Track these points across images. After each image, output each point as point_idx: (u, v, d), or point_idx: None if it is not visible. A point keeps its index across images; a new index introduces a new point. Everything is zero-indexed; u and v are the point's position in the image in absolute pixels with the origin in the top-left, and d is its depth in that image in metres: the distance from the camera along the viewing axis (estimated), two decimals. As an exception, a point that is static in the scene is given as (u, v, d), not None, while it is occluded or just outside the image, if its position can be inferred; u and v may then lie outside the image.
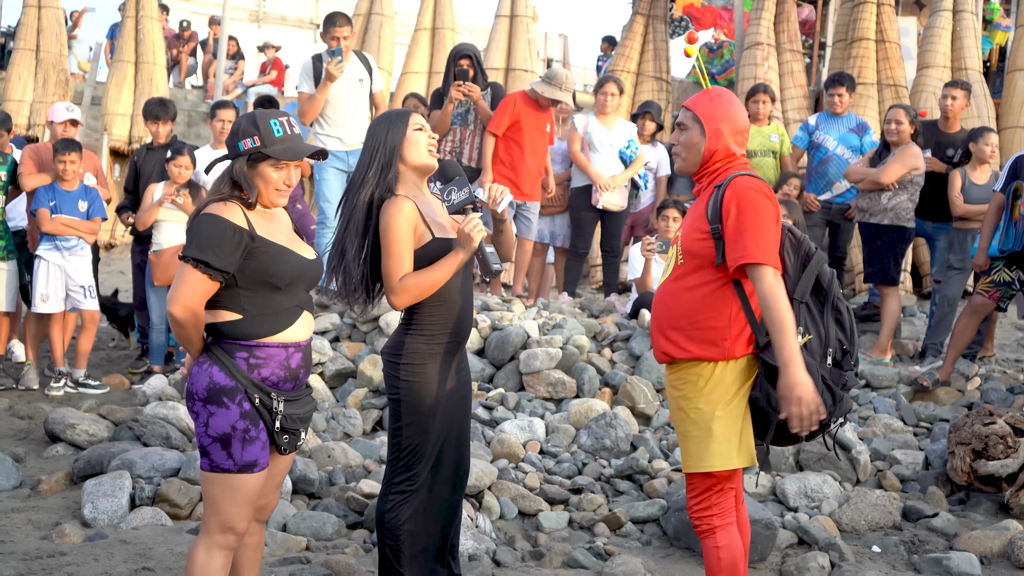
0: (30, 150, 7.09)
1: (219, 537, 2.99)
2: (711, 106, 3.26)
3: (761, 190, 3.14)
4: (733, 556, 3.19)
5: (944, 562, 4.30)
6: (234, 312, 2.95)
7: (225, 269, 2.89)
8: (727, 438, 3.14)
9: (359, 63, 7.03)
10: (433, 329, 3.32)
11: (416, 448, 3.33)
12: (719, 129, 3.23)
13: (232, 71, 14.92)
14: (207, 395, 2.92)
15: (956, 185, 7.19)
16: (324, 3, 25.94)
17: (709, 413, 3.15)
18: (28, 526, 4.36)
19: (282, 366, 2.99)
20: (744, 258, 3.06)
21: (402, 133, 3.34)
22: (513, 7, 11.99)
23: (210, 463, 2.95)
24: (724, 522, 3.22)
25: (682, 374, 3.24)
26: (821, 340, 3.17)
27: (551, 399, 6.02)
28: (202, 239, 2.89)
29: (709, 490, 3.21)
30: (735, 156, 3.27)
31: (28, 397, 6.64)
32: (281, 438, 3.02)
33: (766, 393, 3.12)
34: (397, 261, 3.24)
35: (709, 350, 3.16)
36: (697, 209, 3.26)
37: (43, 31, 12.54)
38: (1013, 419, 5.15)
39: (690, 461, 3.21)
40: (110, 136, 12.15)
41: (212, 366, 2.94)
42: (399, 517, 3.33)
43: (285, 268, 3.00)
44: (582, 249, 7.92)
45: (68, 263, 6.74)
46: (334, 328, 6.71)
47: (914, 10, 14.25)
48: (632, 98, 11.90)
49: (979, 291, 6.60)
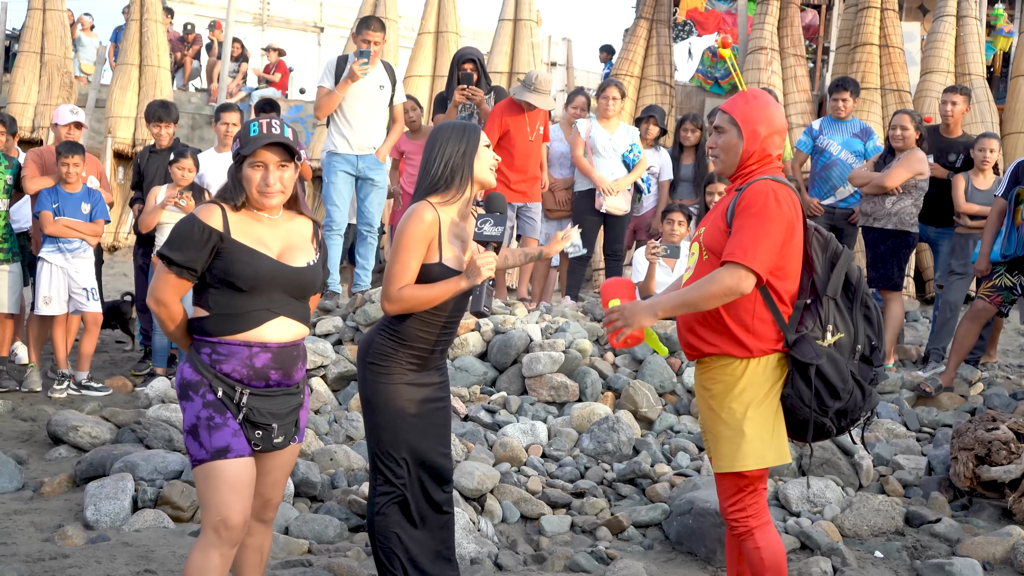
0: (34, 153, 7.11)
1: (213, 535, 2.97)
2: (747, 108, 3.25)
3: (775, 195, 3.13)
4: (775, 554, 3.20)
5: (947, 568, 4.29)
6: (204, 309, 3.05)
7: (187, 265, 2.98)
8: (760, 437, 3.15)
9: (383, 71, 7.04)
10: (406, 336, 3.33)
11: (390, 449, 3.34)
12: (756, 131, 3.23)
13: (235, 74, 14.95)
14: (180, 391, 3.03)
15: (960, 189, 7.20)
16: (328, 7, 25.99)
17: (741, 413, 3.15)
18: (30, 528, 4.37)
19: (244, 364, 3.00)
20: (730, 255, 3.09)
21: (476, 146, 3.37)
22: (517, 11, 12.02)
23: (191, 459, 3.02)
24: (760, 522, 3.22)
25: (713, 373, 3.23)
26: (851, 337, 3.20)
27: (553, 403, 6.02)
28: (172, 236, 3.03)
29: (742, 491, 3.21)
30: (771, 158, 3.27)
31: (31, 399, 6.64)
32: (252, 432, 3.03)
33: (798, 391, 3.13)
34: (402, 269, 3.25)
35: (736, 346, 3.16)
36: (720, 207, 3.28)
37: (47, 34, 12.59)
38: (1016, 425, 5.14)
39: (722, 461, 3.21)
40: (114, 139, 12.18)
41: (184, 363, 3.06)
42: (388, 519, 3.34)
43: (246, 270, 3.01)
44: (585, 253, 7.92)
45: (71, 265, 6.75)
46: (337, 331, 6.71)
47: (918, 15, 14.26)
48: (635, 102, 11.91)
49: (980, 296, 6.60)
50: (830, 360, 3.12)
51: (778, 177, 3.21)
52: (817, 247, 3.23)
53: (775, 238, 3.11)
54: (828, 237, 3.28)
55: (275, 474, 3.19)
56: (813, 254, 3.21)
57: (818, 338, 3.15)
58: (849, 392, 3.15)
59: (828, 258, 3.24)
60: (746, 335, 3.15)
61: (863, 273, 3.30)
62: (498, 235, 3.31)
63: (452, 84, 7.37)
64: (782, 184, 3.18)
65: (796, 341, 3.14)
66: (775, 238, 3.11)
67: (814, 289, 3.21)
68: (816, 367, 3.09)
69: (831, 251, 3.25)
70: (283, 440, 3.12)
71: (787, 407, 3.18)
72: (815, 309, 3.19)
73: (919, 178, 7.07)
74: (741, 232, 3.10)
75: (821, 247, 3.25)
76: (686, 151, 8.38)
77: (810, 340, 3.14)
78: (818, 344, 3.13)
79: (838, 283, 3.20)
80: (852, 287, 3.23)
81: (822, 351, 3.12)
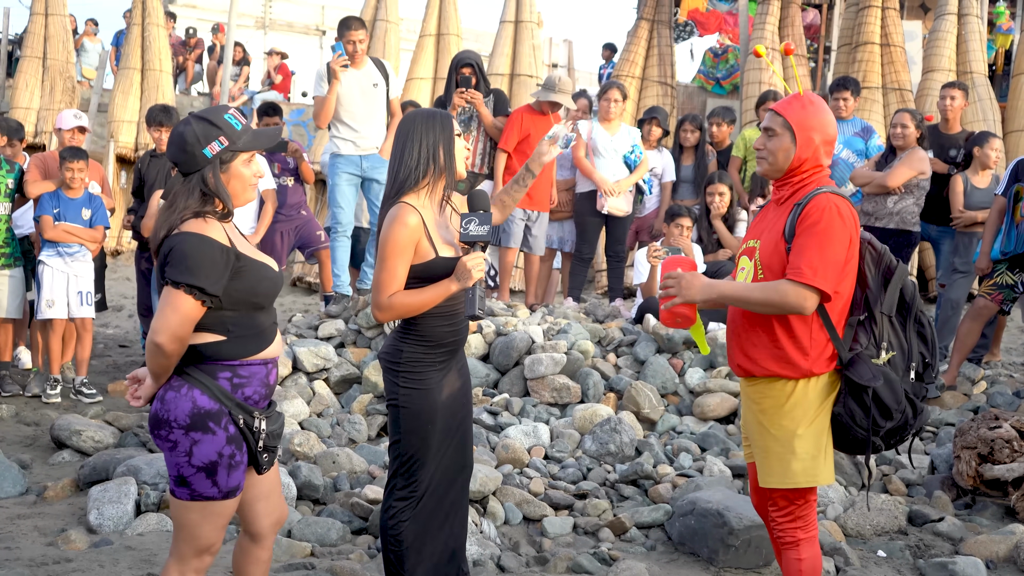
0: (37, 158, 7.13)
1: (195, 562, 2.87)
2: (804, 113, 3.14)
3: (838, 210, 3.05)
4: (815, 567, 3.19)
5: (950, 567, 4.29)
6: (217, 334, 2.80)
7: (217, 294, 2.74)
8: (811, 455, 3.10)
9: (375, 69, 7.06)
10: (431, 336, 3.31)
11: (417, 455, 3.31)
12: (811, 138, 3.13)
13: (237, 77, 14.96)
14: (190, 421, 2.74)
15: (958, 190, 7.18)
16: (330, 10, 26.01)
17: (791, 431, 3.10)
18: (34, 532, 4.38)
19: (263, 383, 2.89)
20: (796, 275, 3.01)
21: (451, 136, 3.28)
22: (518, 12, 12.01)
23: (191, 492, 2.79)
24: (808, 535, 3.21)
25: (762, 388, 3.18)
26: (904, 354, 3.13)
27: (556, 404, 6.02)
28: (192, 262, 2.70)
29: (794, 503, 3.19)
30: (823, 167, 3.18)
31: (34, 404, 6.66)
32: (262, 457, 2.93)
33: (850, 411, 3.08)
34: (390, 276, 3.20)
35: (790, 368, 3.10)
36: (777, 225, 3.17)
37: (50, 39, 12.62)
38: (1019, 423, 5.14)
39: (771, 477, 3.17)
40: (116, 143, 12.20)
41: (193, 389, 2.77)
42: (401, 524, 3.31)
43: (269, 286, 2.90)
44: (587, 254, 7.92)
45: (70, 268, 6.76)
46: (339, 334, 6.72)
47: (919, 14, 14.24)
48: (637, 103, 11.91)
49: (982, 294, 6.60)
50: (886, 381, 3.05)
51: (836, 189, 3.12)
52: (870, 262, 3.15)
53: (840, 256, 3.04)
54: (882, 251, 3.18)
55: (277, 487, 3.11)
56: (867, 269, 3.13)
57: (872, 356, 3.08)
58: (902, 412, 3.09)
59: (882, 273, 3.15)
60: (801, 357, 3.09)
61: (916, 288, 3.23)
62: (484, 234, 3.22)
63: (450, 88, 7.39)
64: (842, 198, 3.10)
65: (851, 361, 3.07)
66: (840, 256, 3.04)
67: (867, 305, 3.13)
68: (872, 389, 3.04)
69: (884, 265, 3.16)
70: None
71: (837, 424, 3.13)
72: (868, 326, 3.12)
73: (921, 177, 7.07)
74: (807, 250, 3.01)
75: (874, 262, 3.16)
76: (686, 152, 8.38)
77: (866, 360, 3.07)
78: (873, 363, 3.07)
79: (893, 300, 3.12)
80: (907, 303, 3.15)
81: (879, 372, 3.05)
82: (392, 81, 7.15)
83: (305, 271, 11.28)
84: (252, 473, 2.97)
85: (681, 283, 3.16)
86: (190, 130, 2.81)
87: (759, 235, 3.25)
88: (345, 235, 7.08)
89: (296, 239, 7.68)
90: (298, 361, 6.23)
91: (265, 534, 3.06)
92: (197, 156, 2.81)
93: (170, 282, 2.72)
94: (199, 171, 2.83)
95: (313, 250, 7.67)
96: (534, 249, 7.51)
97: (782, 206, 3.21)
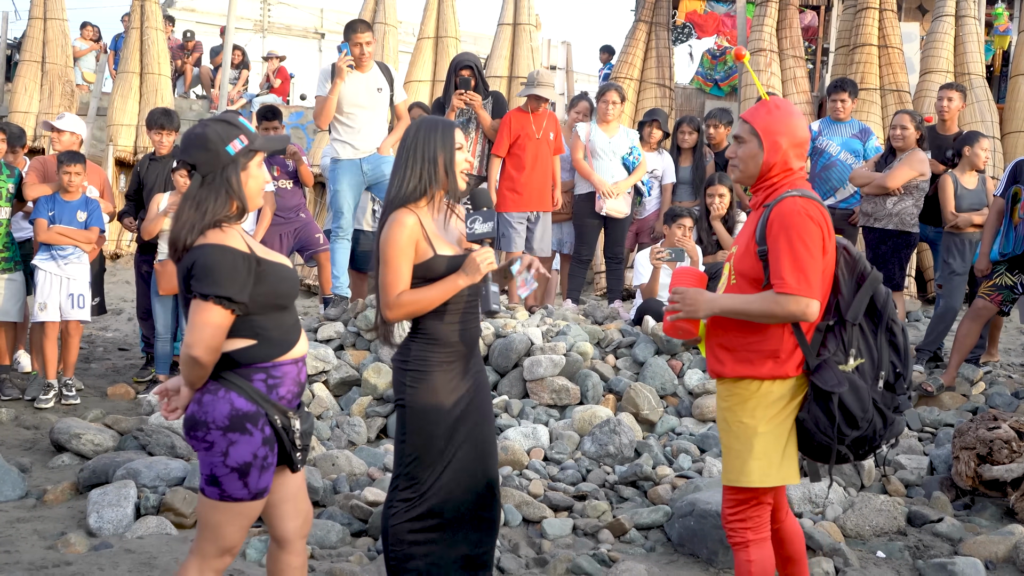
0: (36, 162, 7.14)
1: (216, 561, 2.90)
2: (770, 119, 3.18)
3: (807, 212, 3.06)
4: (765, 569, 3.18)
5: (949, 567, 4.29)
6: (247, 339, 2.84)
7: (244, 300, 2.78)
8: (767, 455, 3.11)
9: (379, 73, 7.05)
10: (438, 336, 3.31)
11: (421, 456, 3.30)
12: (778, 142, 3.16)
13: (236, 80, 14.97)
14: (229, 423, 2.79)
15: (949, 191, 7.15)
16: (329, 13, 26.04)
17: (752, 428, 3.12)
18: (34, 536, 4.38)
19: (295, 382, 2.95)
20: (779, 287, 3.02)
21: (452, 151, 3.29)
22: (516, 15, 12.03)
23: (220, 493, 2.83)
24: (759, 536, 3.20)
25: (729, 386, 3.21)
26: (874, 363, 3.12)
27: (555, 406, 6.03)
28: (218, 273, 2.75)
29: (745, 503, 3.19)
30: (793, 170, 3.20)
31: (34, 407, 6.65)
32: (296, 456, 2.96)
33: (815, 417, 3.08)
34: (395, 276, 3.23)
35: (757, 370, 3.12)
36: (748, 229, 3.22)
37: (48, 43, 12.63)
38: (1018, 423, 5.14)
39: (729, 474, 3.19)
40: (115, 146, 12.21)
41: (230, 392, 2.82)
42: (402, 526, 3.30)
43: (289, 286, 2.96)
44: (586, 256, 7.93)
45: (64, 271, 6.75)
46: (338, 336, 6.72)
47: (917, 15, 14.26)
48: (635, 105, 11.92)
49: (981, 295, 6.60)
50: (852, 388, 3.04)
51: (805, 192, 3.13)
52: (845, 267, 3.15)
53: (818, 258, 3.06)
54: (857, 257, 3.18)
55: (303, 489, 3.12)
56: (840, 274, 3.14)
57: (840, 362, 3.08)
58: (868, 421, 3.07)
59: (854, 279, 3.15)
60: (772, 363, 3.10)
61: (890, 295, 3.22)
62: (490, 231, 3.29)
63: (449, 90, 7.40)
64: (811, 200, 3.10)
65: (818, 367, 3.07)
66: (818, 258, 3.06)
67: (838, 310, 3.13)
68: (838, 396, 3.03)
69: (858, 272, 3.16)
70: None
71: (802, 430, 3.13)
72: (838, 332, 3.11)
73: (920, 179, 7.08)
74: (787, 257, 3.02)
75: (849, 268, 3.16)
76: (684, 153, 8.38)
77: (832, 366, 3.06)
78: (840, 370, 3.06)
79: (860, 307, 3.12)
80: (878, 310, 3.15)
81: (844, 378, 3.04)
82: (397, 86, 7.15)
83: (304, 274, 11.29)
84: (280, 474, 3.01)
85: (686, 299, 3.19)
86: (211, 129, 2.87)
87: (738, 241, 3.31)
88: (345, 238, 7.08)
89: (295, 242, 7.68)
90: (297, 364, 6.23)
91: (292, 538, 3.07)
92: (220, 154, 2.86)
93: (198, 295, 2.76)
94: (222, 170, 2.86)
95: (312, 253, 7.68)
96: (537, 251, 7.50)
97: (757, 211, 3.24)
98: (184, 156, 2.90)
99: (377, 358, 6.38)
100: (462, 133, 3.41)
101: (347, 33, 6.96)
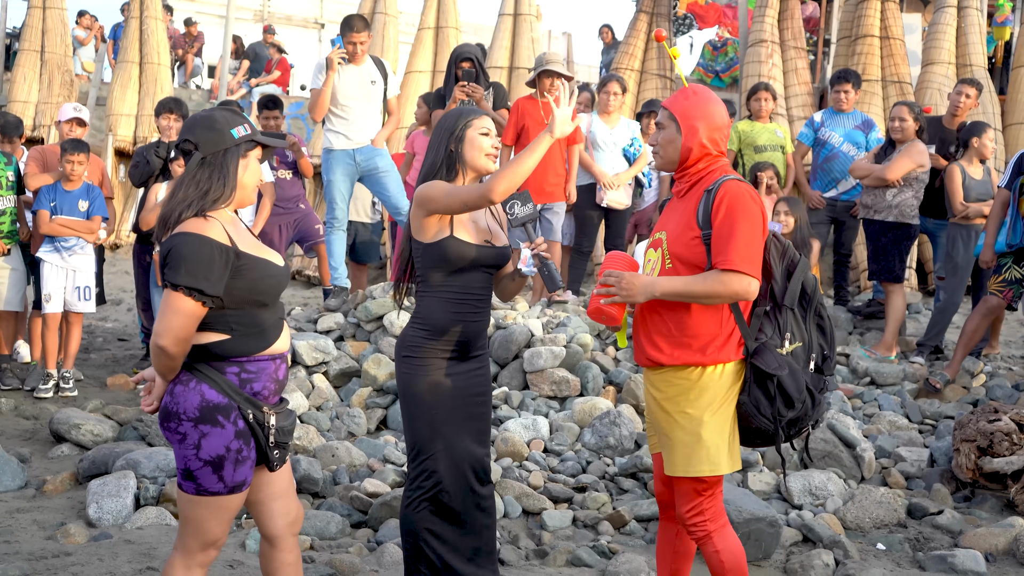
0: (35, 151, 7.12)
1: (200, 555, 2.87)
2: (687, 104, 3.22)
3: (751, 195, 3.11)
4: (735, 556, 3.18)
5: (949, 559, 4.30)
6: (220, 333, 2.80)
7: (216, 294, 2.73)
8: (715, 443, 3.11)
9: (374, 66, 7.05)
10: (433, 321, 3.33)
11: (423, 443, 3.32)
12: (695, 127, 3.19)
13: (235, 71, 14.93)
14: (199, 414, 2.75)
15: (957, 181, 7.14)
16: (328, 3, 25.97)
17: (698, 418, 3.11)
18: (33, 526, 4.38)
19: (272, 378, 2.88)
20: (723, 264, 3.03)
21: (464, 131, 3.38)
22: (517, 6, 11.99)
23: (196, 487, 2.80)
24: (718, 525, 3.20)
25: (667, 376, 3.18)
26: (806, 346, 3.19)
27: (555, 397, 6.02)
28: (191, 264, 2.69)
29: (700, 495, 3.19)
30: (714, 156, 3.23)
31: (33, 397, 6.65)
32: (273, 453, 2.91)
33: (755, 400, 3.11)
34: (455, 190, 3.26)
35: (697, 356, 3.12)
36: (684, 213, 3.21)
37: (48, 32, 12.57)
38: (1018, 416, 5.14)
39: (676, 467, 3.17)
40: (115, 136, 12.17)
41: (200, 384, 2.78)
42: (418, 515, 3.32)
43: (271, 283, 2.88)
44: (586, 247, 7.91)
45: (68, 263, 6.74)
46: (338, 327, 6.71)
47: (919, 6, 14.23)
48: (636, 95, 11.90)
49: (992, 291, 6.58)
50: (790, 371, 3.10)
51: (740, 177, 3.19)
52: (775, 254, 3.20)
53: (760, 240, 3.10)
54: (786, 245, 3.25)
55: (291, 487, 3.08)
56: (772, 261, 3.19)
57: (777, 346, 3.14)
58: (803, 402, 3.13)
59: (785, 266, 3.20)
60: (710, 344, 3.11)
61: (818, 282, 3.27)
62: (532, 212, 3.35)
63: (450, 81, 7.37)
64: (749, 185, 3.18)
65: (757, 350, 3.11)
66: (760, 240, 3.10)
67: (772, 295, 3.18)
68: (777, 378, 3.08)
69: (788, 259, 3.22)
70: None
71: (741, 414, 3.16)
72: (774, 316, 3.17)
73: (920, 170, 7.06)
74: (732, 237, 3.04)
75: (779, 254, 3.21)
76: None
77: (771, 349, 3.11)
78: (779, 353, 3.12)
79: (795, 292, 3.17)
80: (807, 296, 3.21)
81: (784, 361, 3.10)
82: (391, 80, 7.14)
83: (304, 264, 11.27)
84: (265, 473, 2.96)
85: (622, 283, 3.14)
86: (218, 112, 2.89)
87: (664, 227, 3.27)
88: (341, 229, 7.07)
89: (294, 233, 7.67)
90: (297, 355, 6.23)
91: (282, 535, 3.04)
92: (225, 135, 2.85)
93: (169, 284, 2.71)
94: (223, 152, 2.85)
95: (312, 244, 7.67)
96: (547, 234, 7.45)
97: (684, 198, 3.24)
98: (187, 135, 2.87)
99: (377, 349, 6.37)
100: (491, 122, 3.43)
101: (343, 30, 6.96)
